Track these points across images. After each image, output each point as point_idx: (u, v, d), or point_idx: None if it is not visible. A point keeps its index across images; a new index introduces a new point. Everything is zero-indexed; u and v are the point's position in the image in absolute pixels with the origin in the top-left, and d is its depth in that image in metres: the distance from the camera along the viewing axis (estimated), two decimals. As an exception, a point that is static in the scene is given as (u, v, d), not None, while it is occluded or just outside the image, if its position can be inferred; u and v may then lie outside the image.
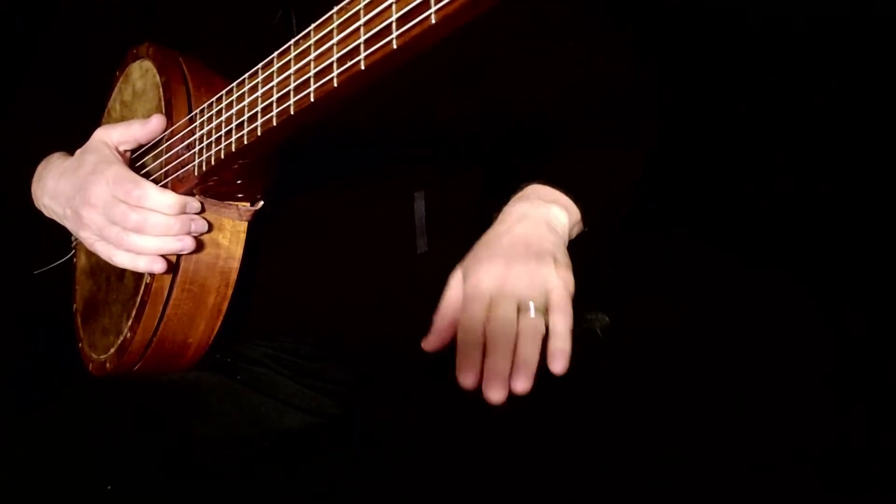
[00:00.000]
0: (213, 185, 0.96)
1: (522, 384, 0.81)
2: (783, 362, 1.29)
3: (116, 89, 1.16)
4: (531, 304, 0.84)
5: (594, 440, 1.04)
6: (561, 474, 0.99)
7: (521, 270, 0.87)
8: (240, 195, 0.99)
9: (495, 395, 0.80)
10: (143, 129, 1.01)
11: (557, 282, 0.87)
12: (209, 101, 0.93)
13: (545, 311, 0.85)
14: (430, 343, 0.88)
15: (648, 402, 1.11)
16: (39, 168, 1.12)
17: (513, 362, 0.81)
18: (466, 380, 0.82)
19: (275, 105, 0.79)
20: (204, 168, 0.92)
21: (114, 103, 1.17)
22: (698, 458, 1.05)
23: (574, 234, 0.99)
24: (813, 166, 1.46)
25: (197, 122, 0.95)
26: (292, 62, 0.77)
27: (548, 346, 0.82)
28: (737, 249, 1.45)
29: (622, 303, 1.20)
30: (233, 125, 0.87)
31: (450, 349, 1.11)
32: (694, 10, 1.44)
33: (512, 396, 1.09)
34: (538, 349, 0.82)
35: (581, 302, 1.17)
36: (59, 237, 1.20)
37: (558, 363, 0.82)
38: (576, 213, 0.98)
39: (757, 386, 1.24)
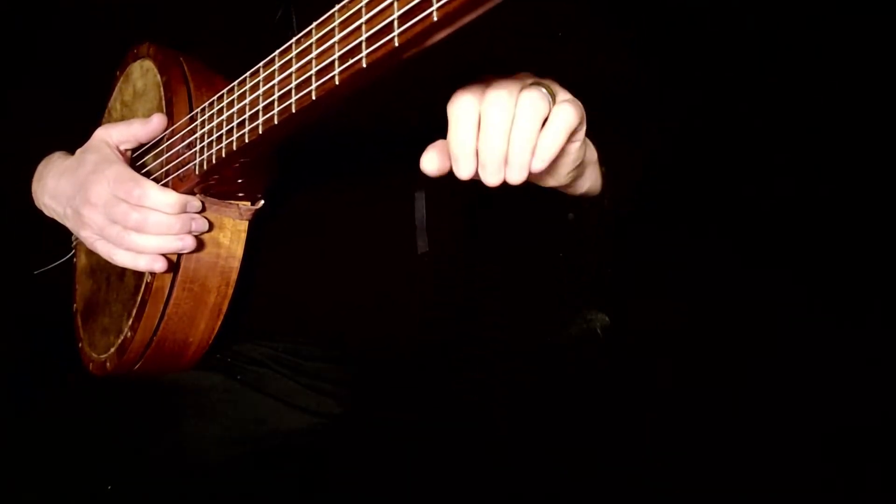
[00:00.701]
0: (213, 184, 0.96)
1: (514, 173, 0.72)
2: (783, 362, 1.29)
3: (117, 89, 1.16)
4: (539, 83, 0.74)
5: (594, 440, 1.04)
6: (561, 474, 0.99)
7: (529, 74, 0.78)
8: (240, 194, 0.99)
9: (490, 176, 0.72)
10: (143, 128, 1.01)
11: (569, 94, 0.78)
12: (210, 100, 0.93)
13: (552, 97, 0.75)
14: (428, 164, 0.77)
15: (648, 401, 1.11)
16: (40, 167, 1.12)
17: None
18: (463, 169, 0.73)
19: (276, 103, 0.79)
20: (205, 167, 0.92)
21: (114, 103, 1.17)
22: (698, 458, 1.05)
23: (585, 187, 0.92)
24: (813, 166, 1.46)
25: (198, 121, 0.95)
26: (294, 60, 0.77)
27: (538, 140, 0.74)
28: (737, 249, 1.45)
29: (622, 303, 1.20)
30: (234, 123, 0.87)
31: (449, 351, 1.11)
32: (694, 10, 1.44)
33: (512, 397, 1.10)
34: (534, 133, 0.73)
35: (581, 302, 1.17)
36: (59, 237, 1.21)
37: (538, 159, 0.73)
38: (593, 152, 0.91)
39: (757, 386, 1.24)
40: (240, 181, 0.96)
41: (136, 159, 1.07)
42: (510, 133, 0.73)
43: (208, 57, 1.07)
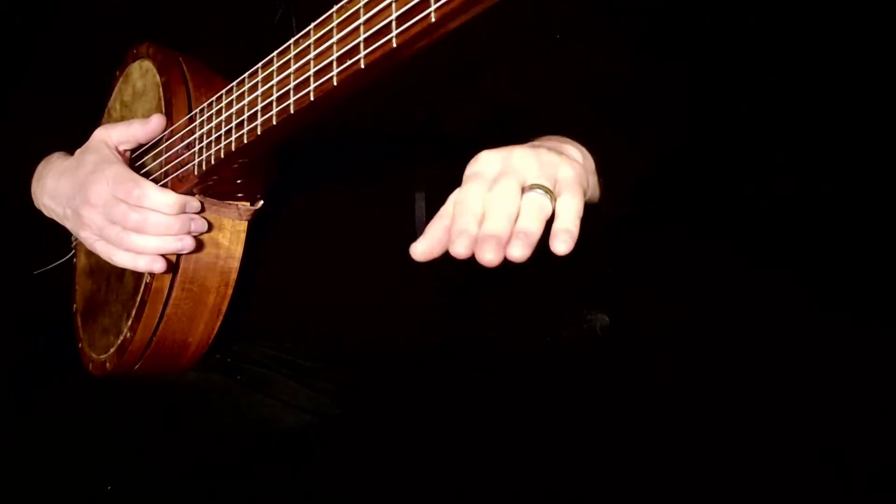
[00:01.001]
0: (212, 184, 0.96)
1: (518, 250, 0.71)
2: (783, 362, 1.29)
3: (116, 89, 1.17)
4: (538, 184, 0.75)
5: (594, 440, 1.04)
6: (561, 474, 0.99)
7: (527, 154, 0.79)
8: (240, 195, 0.99)
9: (488, 255, 0.71)
10: (143, 128, 1.01)
11: (569, 168, 0.79)
12: (209, 101, 0.93)
13: (553, 195, 0.76)
14: (419, 247, 0.76)
15: (648, 402, 1.11)
16: (39, 168, 1.12)
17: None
18: (458, 246, 0.72)
19: (274, 104, 0.79)
20: (204, 167, 0.92)
21: (114, 103, 1.17)
22: (698, 458, 1.05)
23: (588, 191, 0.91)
24: (813, 166, 1.46)
25: (197, 122, 0.95)
26: (292, 61, 0.77)
27: (552, 228, 0.73)
28: (737, 249, 1.45)
29: (622, 303, 1.20)
30: (233, 124, 0.87)
31: (449, 351, 1.11)
32: (694, 9, 1.44)
33: (512, 397, 1.10)
34: (540, 225, 0.73)
35: (581, 302, 1.17)
36: (59, 237, 1.21)
37: (561, 243, 0.72)
38: (590, 161, 0.91)
39: (757, 386, 1.24)
40: (239, 182, 0.96)
41: (136, 160, 1.07)
42: (514, 223, 0.73)
43: (208, 57, 1.07)
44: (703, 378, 1.22)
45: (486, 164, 0.77)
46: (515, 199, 0.74)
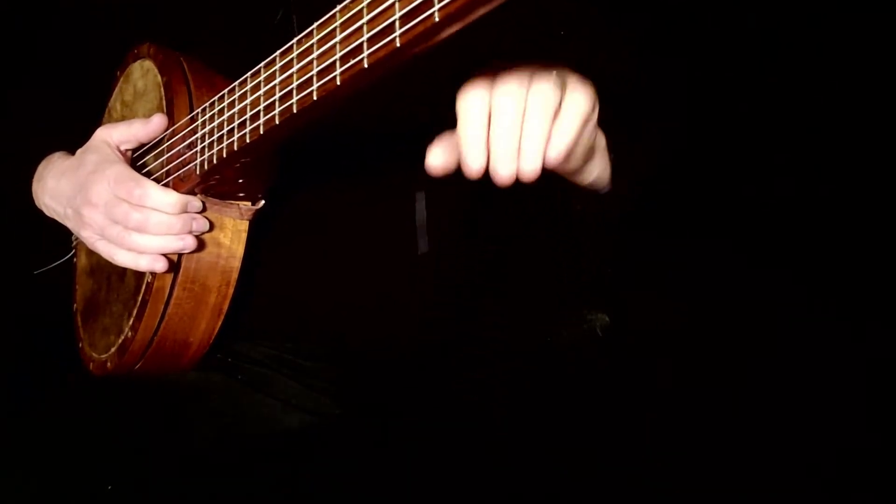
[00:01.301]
0: (214, 184, 0.96)
1: (527, 165, 0.71)
2: (783, 362, 1.30)
3: (117, 89, 1.16)
4: (548, 73, 0.73)
5: (594, 440, 1.04)
6: (561, 474, 0.99)
7: (536, 61, 0.77)
8: (241, 194, 0.99)
9: (502, 172, 0.71)
10: (144, 128, 1.01)
11: (579, 77, 0.77)
12: (211, 100, 0.93)
13: (563, 88, 0.74)
14: (434, 158, 0.76)
15: (648, 402, 1.11)
16: (40, 168, 1.12)
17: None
18: (473, 161, 0.72)
19: (277, 103, 0.79)
20: (205, 167, 0.92)
21: (115, 103, 1.17)
22: (698, 458, 1.05)
23: (594, 174, 0.90)
24: (813, 166, 1.46)
25: (198, 122, 0.95)
26: (295, 60, 0.77)
27: (549, 131, 0.73)
28: (737, 249, 1.46)
29: (622, 303, 1.20)
30: (235, 124, 0.87)
31: (449, 351, 1.11)
32: (694, 9, 1.44)
33: (512, 397, 1.10)
34: (547, 124, 0.72)
35: (581, 302, 1.17)
36: (59, 237, 1.21)
37: (553, 149, 0.72)
38: (602, 138, 0.90)
39: (757, 386, 1.24)
40: (241, 181, 0.96)
41: (137, 159, 1.07)
42: (522, 123, 0.72)
43: (208, 57, 1.07)
44: (703, 378, 1.22)
45: (496, 65, 0.76)
46: (522, 94, 0.72)
